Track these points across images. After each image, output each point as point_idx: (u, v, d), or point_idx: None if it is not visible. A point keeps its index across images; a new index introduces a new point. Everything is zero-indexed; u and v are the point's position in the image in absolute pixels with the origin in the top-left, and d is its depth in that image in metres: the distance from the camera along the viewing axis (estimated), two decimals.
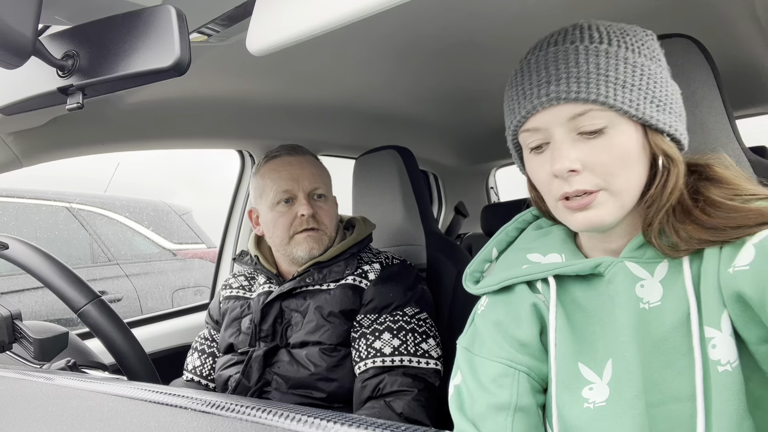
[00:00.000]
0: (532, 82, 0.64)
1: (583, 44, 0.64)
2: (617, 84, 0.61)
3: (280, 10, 0.58)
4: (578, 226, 0.65)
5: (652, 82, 0.63)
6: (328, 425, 0.36)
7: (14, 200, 3.21)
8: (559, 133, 0.63)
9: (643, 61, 0.63)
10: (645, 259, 0.65)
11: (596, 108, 0.61)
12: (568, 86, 0.61)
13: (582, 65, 0.62)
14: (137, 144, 1.42)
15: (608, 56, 0.62)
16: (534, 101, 0.63)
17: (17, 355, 0.88)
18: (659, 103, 0.63)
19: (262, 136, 1.71)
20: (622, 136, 0.62)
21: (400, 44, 1.24)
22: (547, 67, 0.63)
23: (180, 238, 4.09)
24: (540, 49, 0.66)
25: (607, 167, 0.62)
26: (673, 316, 0.62)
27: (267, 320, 1.22)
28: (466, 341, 0.76)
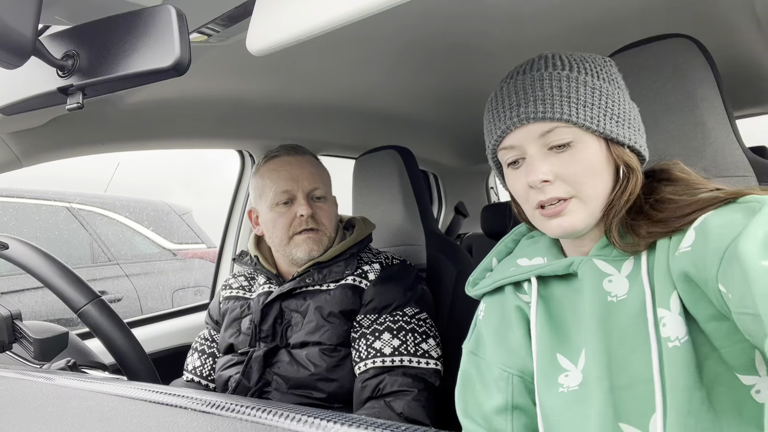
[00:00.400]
0: (505, 106, 0.74)
1: (548, 71, 0.73)
2: (578, 104, 0.70)
3: (280, 10, 0.58)
4: (554, 232, 0.73)
5: (611, 101, 0.72)
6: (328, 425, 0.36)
7: (14, 200, 3.21)
8: (531, 149, 0.72)
9: (601, 84, 0.72)
10: (612, 257, 0.72)
11: (562, 125, 0.70)
12: (535, 107, 0.70)
13: (546, 89, 0.71)
14: (137, 144, 1.42)
15: (569, 80, 0.71)
16: (507, 122, 0.73)
17: (17, 355, 0.88)
18: (618, 120, 0.72)
19: (262, 136, 1.71)
20: (587, 150, 0.70)
21: (400, 44, 1.24)
22: (516, 92, 0.73)
23: (180, 238, 4.09)
24: (511, 78, 0.76)
25: (576, 176, 0.70)
26: (634, 305, 0.68)
27: (267, 320, 1.22)
28: (472, 345, 0.83)
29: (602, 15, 1.16)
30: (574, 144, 0.70)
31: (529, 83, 0.72)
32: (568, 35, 1.23)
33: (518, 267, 0.81)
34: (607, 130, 0.71)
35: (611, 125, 0.71)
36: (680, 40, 0.91)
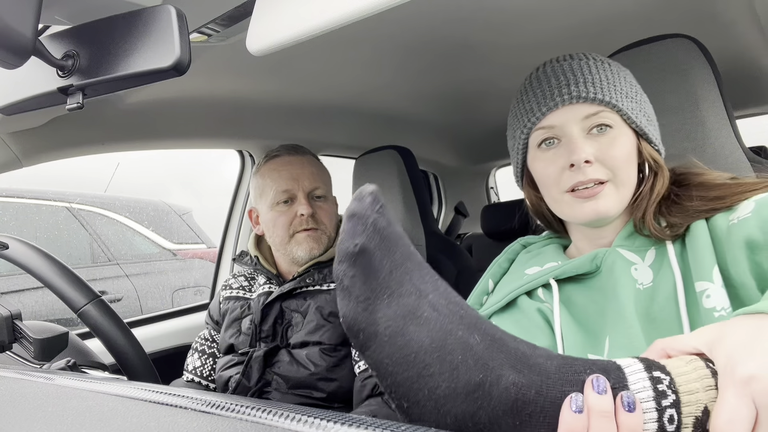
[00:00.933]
0: (552, 85, 0.74)
1: (591, 60, 0.75)
2: (622, 93, 0.73)
3: (280, 10, 0.58)
4: (585, 216, 0.72)
5: (644, 100, 0.76)
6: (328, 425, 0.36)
7: (14, 200, 3.21)
8: (574, 130, 0.72)
9: (634, 82, 0.76)
10: (635, 246, 0.73)
11: (607, 110, 0.72)
12: (586, 88, 0.72)
13: (595, 74, 0.73)
14: (137, 144, 1.42)
15: (612, 71, 0.74)
16: (556, 99, 0.73)
17: (17, 355, 0.88)
18: (648, 118, 0.75)
19: (262, 136, 1.71)
20: (624, 137, 0.72)
21: (401, 44, 1.24)
22: (564, 73, 0.74)
23: (180, 238, 4.09)
24: (551, 63, 0.77)
25: (615, 160, 0.71)
26: (664, 291, 0.68)
27: (267, 321, 1.22)
28: None
29: (602, 15, 1.16)
30: (613, 130, 0.72)
31: (577, 67, 0.73)
32: (568, 35, 1.23)
33: (530, 275, 0.80)
34: (641, 125, 0.73)
35: (644, 122, 0.74)
36: (680, 40, 0.91)
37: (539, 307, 0.77)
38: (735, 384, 0.39)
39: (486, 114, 1.94)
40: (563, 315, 0.74)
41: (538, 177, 0.77)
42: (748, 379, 0.39)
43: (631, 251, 0.73)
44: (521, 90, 0.79)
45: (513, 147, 0.81)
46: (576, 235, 0.81)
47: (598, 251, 0.74)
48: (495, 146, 2.45)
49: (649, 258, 0.72)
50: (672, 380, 0.41)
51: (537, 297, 0.78)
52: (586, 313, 0.74)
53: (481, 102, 1.79)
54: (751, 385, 0.38)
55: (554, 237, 0.88)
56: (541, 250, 0.84)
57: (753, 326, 0.43)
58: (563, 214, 0.76)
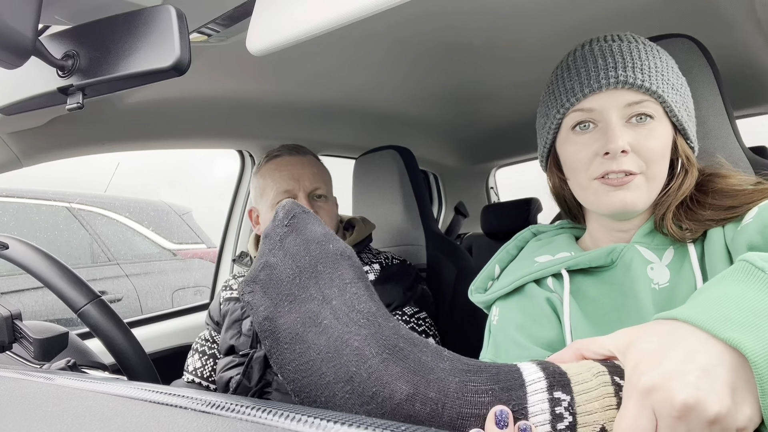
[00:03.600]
0: (598, 66, 0.70)
1: (641, 44, 0.71)
2: (668, 84, 0.69)
3: (280, 10, 0.58)
4: (612, 207, 0.70)
5: (686, 93, 0.72)
6: (328, 425, 0.36)
7: (14, 200, 3.20)
8: (613, 116, 0.69)
9: (680, 74, 0.72)
10: (654, 245, 0.72)
11: (651, 100, 0.69)
12: (634, 73, 0.68)
13: (644, 60, 0.69)
14: (137, 144, 1.42)
15: (661, 59, 0.71)
16: (601, 81, 0.69)
17: (17, 355, 0.88)
18: (689, 114, 0.72)
19: (262, 136, 1.71)
20: (663, 130, 0.69)
21: (401, 44, 1.24)
22: (613, 55, 0.69)
23: (180, 238, 4.09)
24: (597, 42, 0.73)
25: (651, 152, 0.68)
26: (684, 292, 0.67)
27: None
28: (491, 354, 0.77)
29: (602, 15, 1.16)
30: (653, 122, 0.69)
31: (627, 49, 0.69)
32: (569, 35, 1.23)
33: (541, 263, 0.77)
34: (682, 120, 0.70)
35: (684, 117, 0.71)
36: (680, 40, 0.91)
37: (548, 296, 0.75)
38: (637, 393, 0.38)
39: (486, 114, 1.94)
40: (573, 307, 0.72)
41: (567, 160, 0.74)
42: (649, 388, 0.38)
43: (650, 249, 0.72)
44: (562, 67, 0.75)
45: (544, 125, 0.77)
46: (594, 224, 0.79)
47: (616, 246, 0.72)
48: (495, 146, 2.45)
49: (666, 257, 0.71)
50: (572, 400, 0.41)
51: (546, 286, 0.77)
52: (597, 307, 0.73)
53: (481, 102, 1.79)
54: (652, 395, 0.38)
55: (566, 227, 0.87)
56: (552, 239, 0.82)
57: (664, 333, 0.42)
58: (588, 201, 0.74)
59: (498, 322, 0.78)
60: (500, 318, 0.78)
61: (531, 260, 0.79)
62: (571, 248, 0.78)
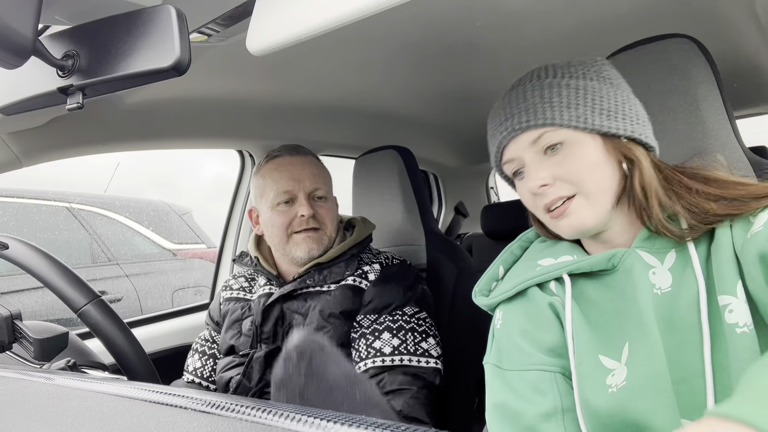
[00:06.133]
0: (497, 122, 0.78)
1: (531, 83, 0.76)
2: (561, 106, 0.72)
3: (280, 10, 0.58)
4: (566, 233, 0.74)
5: (598, 97, 0.73)
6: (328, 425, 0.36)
7: (14, 200, 3.20)
8: (527, 157, 0.74)
9: (586, 83, 0.74)
10: (655, 248, 0.72)
11: (548, 130, 0.72)
12: (520, 118, 0.74)
13: (529, 99, 0.74)
14: (137, 144, 1.42)
15: (551, 87, 0.74)
16: (499, 137, 0.77)
17: (17, 355, 0.88)
18: (609, 113, 0.72)
19: (262, 136, 1.71)
20: (580, 147, 0.72)
21: (401, 44, 1.24)
22: (504, 108, 0.77)
23: (180, 238, 4.09)
24: (500, 98, 0.80)
25: (573, 174, 0.71)
26: (686, 297, 0.67)
27: (268, 322, 1.22)
28: (494, 358, 0.78)
29: (602, 15, 1.16)
30: (566, 144, 0.72)
31: (515, 97, 0.76)
32: (569, 35, 1.23)
33: (543, 267, 0.78)
34: (596, 126, 0.71)
35: (600, 120, 0.72)
36: (680, 40, 0.91)
37: (551, 301, 0.76)
38: None
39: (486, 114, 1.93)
40: (575, 312, 0.73)
41: (523, 202, 0.80)
42: None
43: (651, 253, 0.72)
44: (489, 118, 0.82)
45: (502, 175, 0.83)
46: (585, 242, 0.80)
47: (616, 251, 0.73)
48: None
49: (668, 261, 0.71)
50: None
51: (549, 290, 0.77)
52: (599, 312, 0.73)
53: (482, 102, 1.79)
54: None
55: None
56: (556, 241, 0.83)
57: None
58: (553, 229, 0.77)
59: (501, 326, 0.78)
60: (503, 322, 0.78)
61: (534, 263, 0.80)
62: (573, 251, 0.78)
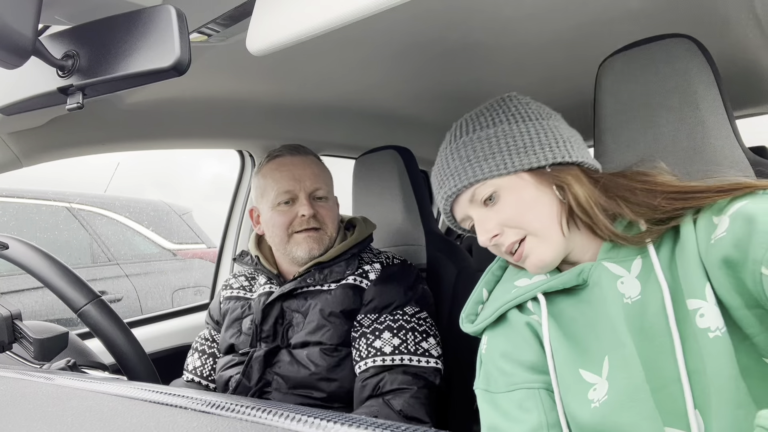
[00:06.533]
0: (435, 190, 0.82)
1: (450, 146, 0.80)
2: (480, 160, 0.75)
3: (280, 10, 0.58)
4: (533, 271, 0.77)
5: (510, 138, 0.75)
6: (328, 425, 0.36)
7: (14, 200, 3.20)
8: (473, 214, 0.77)
9: (496, 130, 0.77)
10: (620, 258, 0.72)
11: (477, 185, 0.75)
12: (449, 184, 0.77)
13: (451, 163, 0.78)
14: (137, 144, 1.42)
15: (466, 145, 0.77)
16: (443, 203, 0.80)
17: (17, 355, 0.88)
18: (525, 150, 0.74)
19: (262, 136, 1.71)
20: (512, 191, 0.74)
21: (400, 44, 1.24)
22: (437, 177, 0.81)
23: (180, 238, 4.09)
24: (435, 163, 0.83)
25: (514, 219, 0.74)
26: (654, 304, 0.67)
27: (268, 321, 1.22)
28: (482, 383, 0.79)
29: (602, 15, 1.15)
30: (498, 192, 0.74)
31: (441, 164, 0.80)
32: (568, 36, 1.23)
33: (519, 288, 0.80)
34: (518, 166, 0.74)
35: (519, 159, 0.74)
36: (680, 40, 0.91)
37: (528, 320, 0.77)
38: None
39: None
40: (552, 329, 0.74)
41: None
42: None
43: (616, 263, 0.72)
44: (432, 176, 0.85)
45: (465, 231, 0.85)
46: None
47: (584, 265, 0.74)
48: None
49: (635, 269, 0.71)
50: None
51: (527, 310, 0.79)
52: (577, 326, 0.74)
53: (481, 102, 1.79)
54: None
55: None
56: None
57: None
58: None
59: (486, 351, 0.81)
60: (487, 347, 0.81)
61: (511, 284, 0.82)
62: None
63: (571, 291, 0.76)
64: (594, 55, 1.05)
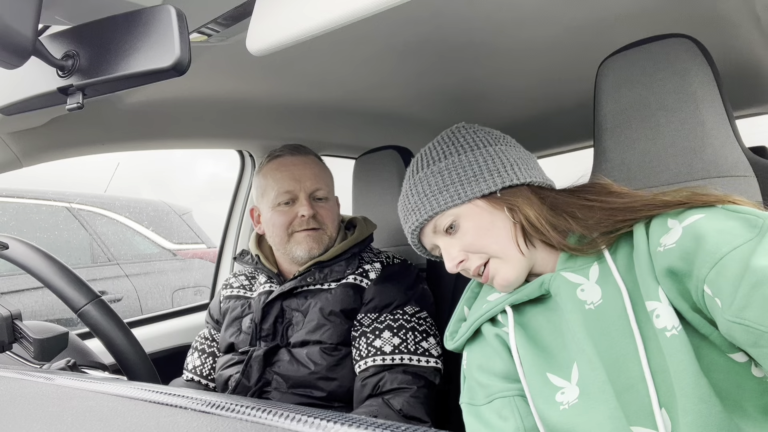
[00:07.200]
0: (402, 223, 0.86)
1: (408, 182, 0.85)
2: (434, 194, 0.79)
3: (280, 10, 0.58)
4: (501, 290, 0.81)
5: (461, 169, 0.79)
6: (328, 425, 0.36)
7: (14, 200, 3.20)
8: (439, 242, 0.81)
9: (447, 162, 0.81)
10: (578, 266, 0.75)
11: (437, 217, 0.80)
12: (412, 218, 0.82)
13: (411, 199, 0.83)
14: (137, 144, 1.42)
15: (421, 181, 0.82)
16: (409, 236, 0.86)
17: (17, 355, 0.88)
18: (476, 178, 0.78)
19: (262, 136, 1.71)
20: (469, 219, 0.78)
21: (400, 44, 1.24)
22: (401, 211, 0.86)
23: (180, 238, 4.09)
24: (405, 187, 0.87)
25: (475, 245, 0.77)
26: (614, 307, 0.69)
27: (268, 320, 1.22)
28: (467, 397, 0.83)
29: (602, 15, 1.15)
30: (457, 221, 0.78)
31: (402, 199, 0.85)
32: (568, 36, 1.23)
33: (489, 303, 0.84)
34: (469, 195, 0.78)
35: (470, 188, 0.78)
36: (680, 40, 0.91)
37: (497, 332, 0.81)
38: None
39: (486, 114, 1.93)
40: (519, 338, 0.77)
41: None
42: None
43: (574, 272, 0.75)
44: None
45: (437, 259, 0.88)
46: None
47: (544, 277, 0.77)
48: None
49: (593, 275, 0.74)
50: None
51: (498, 323, 0.83)
52: (543, 333, 0.77)
53: (481, 102, 1.79)
54: None
55: None
56: None
57: None
58: None
59: (466, 366, 0.85)
60: (467, 362, 0.85)
61: (484, 300, 0.86)
62: None
63: (538, 301, 0.79)
64: (594, 56, 1.05)
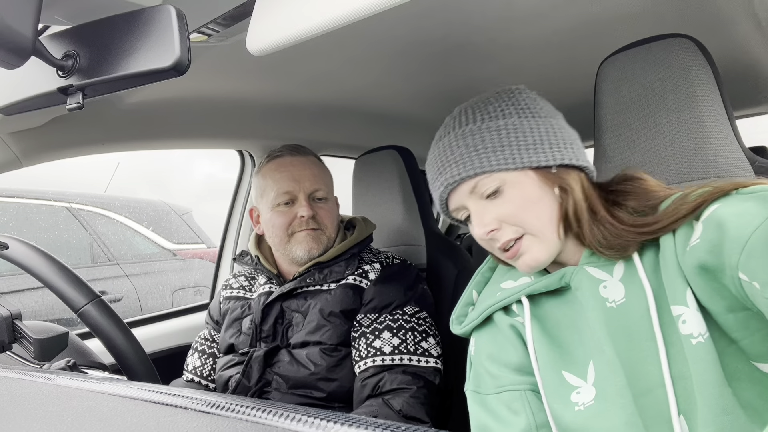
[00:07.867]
0: (432, 176, 0.78)
1: (454, 132, 0.76)
2: (488, 152, 0.72)
3: (280, 10, 0.58)
4: (524, 270, 0.75)
5: (521, 133, 0.73)
6: (328, 425, 0.36)
7: (14, 200, 3.20)
8: (471, 205, 0.74)
9: (506, 122, 0.73)
10: (602, 262, 0.72)
11: (482, 177, 0.72)
12: (452, 172, 0.73)
13: (456, 151, 0.74)
14: (137, 144, 1.42)
15: (473, 134, 0.74)
16: (439, 191, 0.76)
17: (17, 355, 0.88)
18: (535, 147, 0.72)
19: (262, 136, 1.71)
20: (517, 187, 0.72)
21: (400, 44, 1.24)
22: (436, 162, 0.77)
23: (180, 238, 4.09)
24: (431, 149, 0.79)
25: (515, 216, 0.71)
26: (639, 307, 0.67)
27: (268, 321, 1.22)
28: (472, 384, 0.80)
29: (602, 15, 1.15)
30: (502, 187, 0.72)
31: (442, 149, 0.76)
32: (568, 35, 1.23)
33: (504, 291, 0.80)
34: (526, 163, 0.71)
35: (528, 156, 0.72)
36: (680, 40, 0.91)
37: (512, 322, 0.77)
38: None
39: None
40: (536, 331, 0.74)
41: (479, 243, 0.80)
42: None
43: (598, 268, 0.72)
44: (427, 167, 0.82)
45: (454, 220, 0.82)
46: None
47: (566, 270, 0.74)
48: None
49: (617, 272, 0.71)
50: None
51: (512, 312, 0.79)
52: (560, 329, 0.74)
53: None
54: None
55: None
56: None
57: None
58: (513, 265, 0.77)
59: (474, 353, 0.81)
60: (475, 348, 0.81)
61: (497, 287, 0.82)
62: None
63: (557, 293, 0.76)
64: (594, 55, 1.05)
